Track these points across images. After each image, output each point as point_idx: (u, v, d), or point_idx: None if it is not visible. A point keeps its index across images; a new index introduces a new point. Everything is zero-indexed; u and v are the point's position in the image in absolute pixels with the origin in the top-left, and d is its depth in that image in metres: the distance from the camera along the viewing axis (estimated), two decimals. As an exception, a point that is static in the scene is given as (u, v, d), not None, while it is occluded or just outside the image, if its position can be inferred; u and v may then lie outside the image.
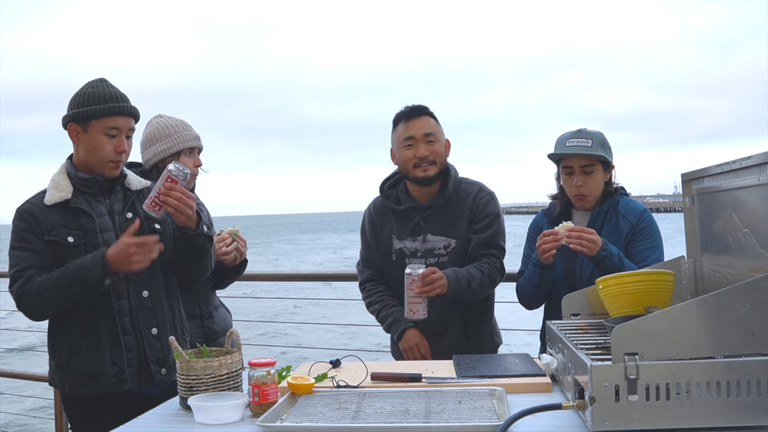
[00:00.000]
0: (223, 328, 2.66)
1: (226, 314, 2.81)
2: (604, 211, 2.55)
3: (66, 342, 2.19)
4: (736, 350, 1.43)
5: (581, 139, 2.50)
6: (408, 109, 2.66)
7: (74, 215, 2.20)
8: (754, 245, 1.68)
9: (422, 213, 2.66)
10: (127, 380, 2.18)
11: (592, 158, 2.50)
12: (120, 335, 2.18)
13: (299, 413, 1.70)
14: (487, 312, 2.78)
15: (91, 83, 2.25)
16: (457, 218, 2.65)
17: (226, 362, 1.83)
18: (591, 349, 1.63)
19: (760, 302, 1.42)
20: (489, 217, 2.65)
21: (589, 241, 2.36)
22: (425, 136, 2.62)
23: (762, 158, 1.62)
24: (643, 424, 1.41)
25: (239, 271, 2.74)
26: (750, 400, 1.40)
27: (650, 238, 2.51)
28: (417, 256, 2.65)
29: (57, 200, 2.20)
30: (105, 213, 2.24)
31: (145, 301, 2.25)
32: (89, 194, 2.24)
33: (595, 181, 2.53)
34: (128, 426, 1.71)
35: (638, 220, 2.53)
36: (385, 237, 2.73)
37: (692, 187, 2.12)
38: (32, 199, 2.24)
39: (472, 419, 1.57)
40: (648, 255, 2.46)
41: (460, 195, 2.68)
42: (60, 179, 2.25)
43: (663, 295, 1.95)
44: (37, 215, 2.18)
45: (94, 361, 2.16)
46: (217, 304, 2.77)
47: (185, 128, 2.63)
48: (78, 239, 2.18)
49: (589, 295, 2.13)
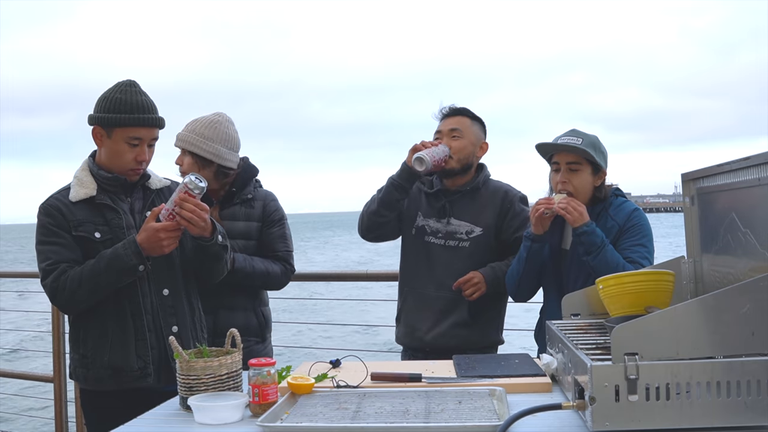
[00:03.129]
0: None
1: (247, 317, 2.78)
2: (594, 214, 2.51)
3: (92, 335, 2.21)
4: (736, 350, 1.43)
5: (572, 137, 2.51)
6: (446, 108, 2.82)
7: (100, 211, 2.24)
8: (754, 245, 1.68)
9: (449, 197, 2.79)
10: (150, 374, 2.21)
11: (578, 156, 2.49)
12: (146, 331, 2.22)
13: (299, 413, 1.70)
14: (497, 303, 2.84)
15: (121, 87, 2.25)
16: (485, 208, 2.77)
17: (226, 362, 1.83)
18: (591, 349, 1.63)
19: (760, 302, 1.42)
20: (524, 213, 2.80)
21: (577, 211, 2.40)
22: (450, 131, 2.76)
23: (762, 158, 1.62)
24: (643, 424, 1.41)
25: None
26: (750, 400, 1.40)
27: (637, 235, 2.48)
28: (438, 236, 2.77)
29: (82, 197, 2.23)
30: (127, 211, 2.29)
31: (165, 299, 2.28)
32: (112, 192, 2.28)
33: (580, 180, 2.50)
34: (128, 426, 1.71)
35: (626, 219, 2.50)
36: (411, 211, 2.85)
37: (692, 187, 2.12)
38: (56, 195, 2.26)
39: (472, 419, 1.57)
40: (634, 251, 2.44)
41: (490, 188, 2.82)
42: (83, 176, 2.27)
43: (663, 295, 1.95)
44: (63, 211, 2.21)
45: (120, 354, 2.19)
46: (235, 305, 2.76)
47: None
48: (105, 234, 2.21)
49: (589, 295, 2.13)
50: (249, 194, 2.77)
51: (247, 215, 2.74)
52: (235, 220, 2.72)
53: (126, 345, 2.20)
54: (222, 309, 2.68)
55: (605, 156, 2.55)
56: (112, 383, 2.21)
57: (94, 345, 2.21)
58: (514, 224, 2.77)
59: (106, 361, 2.19)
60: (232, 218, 2.71)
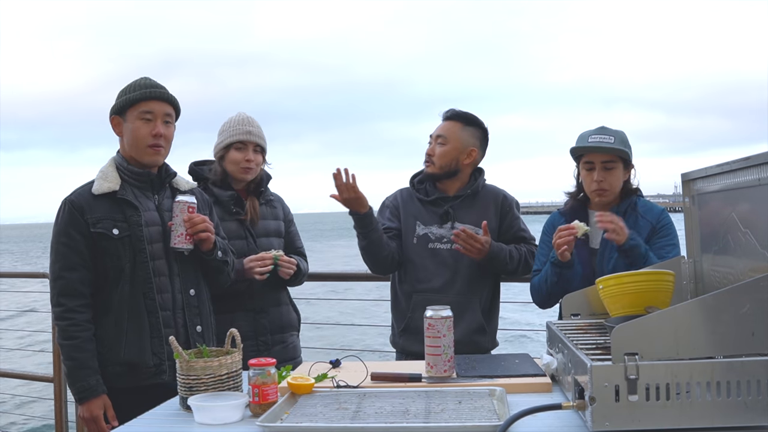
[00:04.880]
0: (279, 325, 2.77)
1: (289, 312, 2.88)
2: (622, 210, 2.55)
3: (106, 333, 2.24)
4: (736, 350, 1.43)
5: (603, 135, 2.53)
6: (443, 112, 2.87)
7: (120, 207, 2.27)
8: (754, 245, 1.68)
9: (451, 202, 2.83)
10: (166, 371, 2.25)
11: (613, 154, 2.51)
12: (161, 328, 2.26)
13: (299, 413, 1.70)
14: (495, 307, 2.88)
15: (134, 82, 2.36)
16: (487, 210, 2.82)
17: (226, 362, 1.83)
18: (591, 349, 1.63)
19: (760, 302, 1.42)
20: (521, 218, 2.90)
21: (619, 227, 2.37)
22: (436, 138, 2.83)
23: (762, 158, 1.62)
24: (643, 424, 1.41)
25: (295, 281, 2.85)
26: (750, 400, 1.40)
27: (669, 236, 2.53)
28: (443, 241, 2.79)
29: (105, 190, 2.27)
30: (153, 208, 2.33)
31: (191, 299, 2.35)
32: (138, 188, 2.33)
33: (615, 177, 2.54)
34: (128, 426, 1.71)
35: (657, 219, 2.54)
36: (409, 221, 2.86)
37: (692, 187, 2.12)
38: (79, 189, 2.31)
39: (472, 419, 1.57)
40: (668, 252, 2.47)
41: (488, 192, 2.88)
42: (109, 171, 2.32)
43: (663, 295, 1.95)
44: (84, 207, 2.25)
45: (136, 351, 2.22)
46: (281, 300, 2.85)
47: (239, 124, 2.75)
48: (123, 231, 2.25)
49: (589, 295, 2.14)
50: (270, 195, 2.89)
51: (273, 215, 2.86)
52: (266, 219, 2.82)
53: (142, 342, 2.23)
54: (272, 306, 2.78)
55: (631, 150, 2.57)
56: (127, 380, 2.23)
57: (110, 342, 2.23)
58: (515, 226, 2.86)
59: (121, 358, 2.22)
60: (263, 218, 2.81)
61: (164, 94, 2.33)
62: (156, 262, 2.29)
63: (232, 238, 2.67)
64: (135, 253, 2.25)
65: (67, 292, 2.22)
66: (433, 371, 1.96)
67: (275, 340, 2.75)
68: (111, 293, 2.24)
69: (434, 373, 1.95)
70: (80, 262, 2.23)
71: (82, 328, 2.20)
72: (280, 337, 2.76)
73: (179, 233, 2.28)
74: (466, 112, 2.82)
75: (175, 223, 2.28)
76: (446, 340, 1.94)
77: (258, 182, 2.80)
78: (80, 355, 2.18)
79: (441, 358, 1.94)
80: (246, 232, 2.75)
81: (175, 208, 2.29)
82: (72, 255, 2.23)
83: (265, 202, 2.84)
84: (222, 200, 2.71)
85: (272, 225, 2.84)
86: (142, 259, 2.26)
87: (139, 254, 2.26)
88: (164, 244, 2.31)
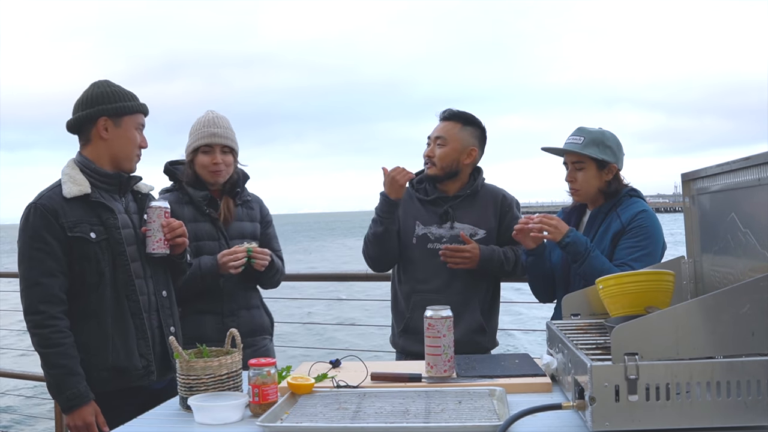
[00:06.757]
0: (250, 329, 2.69)
1: (261, 315, 2.82)
2: (604, 211, 2.55)
3: (89, 338, 2.19)
4: (736, 350, 1.43)
5: (576, 136, 2.56)
6: (440, 113, 2.85)
7: (94, 210, 2.22)
8: (754, 245, 1.68)
9: (450, 202, 2.81)
10: (154, 372, 2.24)
11: (574, 156, 2.56)
12: (146, 330, 2.25)
13: (299, 413, 1.70)
14: (495, 307, 2.89)
15: (102, 83, 2.32)
16: (486, 211, 2.82)
17: (226, 362, 1.83)
18: (591, 349, 1.63)
19: (760, 302, 1.42)
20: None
21: (552, 226, 2.47)
22: (435, 139, 2.81)
23: (762, 158, 1.62)
24: (643, 424, 1.41)
25: (270, 281, 2.80)
26: (750, 400, 1.40)
27: (637, 237, 2.45)
28: (442, 241, 2.78)
29: (77, 194, 2.20)
30: (122, 211, 2.29)
31: (164, 300, 2.34)
32: (106, 191, 2.28)
33: (585, 177, 2.56)
34: (128, 426, 1.71)
35: (631, 220, 2.48)
36: (409, 221, 2.84)
37: (692, 187, 2.12)
38: (48, 193, 2.21)
39: (472, 419, 1.57)
40: (630, 254, 2.42)
41: (487, 191, 2.87)
42: (74, 174, 2.24)
43: (663, 295, 1.95)
44: (57, 210, 2.17)
45: (124, 354, 2.20)
46: (252, 304, 2.79)
47: (204, 125, 2.68)
48: (100, 235, 2.20)
49: (589, 295, 2.13)
50: (248, 196, 2.82)
51: (249, 216, 2.79)
52: (241, 221, 2.76)
53: (128, 345, 2.21)
54: (243, 309, 2.72)
55: (613, 150, 2.54)
56: (114, 383, 2.20)
57: (95, 348, 2.18)
58: (513, 226, 2.79)
59: (109, 363, 2.18)
60: (238, 219, 2.75)
61: (146, 107, 2.36)
62: (134, 265, 2.25)
63: (204, 239, 2.63)
64: (114, 256, 2.20)
65: (47, 298, 2.13)
66: (433, 371, 1.96)
67: (245, 344, 2.67)
68: (90, 297, 2.18)
69: (434, 373, 1.95)
70: (58, 268, 2.15)
71: (65, 335, 2.13)
72: (250, 341, 2.64)
73: (157, 238, 2.25)
74: (463, 111, 2.81)
75: (152, 229, 2.25)
76: (446, 340, 1.95)
77: (234, 182, 2.73)
78: (67, 362, 2.12)
79: (441, 358, 1.94)
80: (219, 234, 2.68)
81: (150, 213, 2.26)
82: (49, 260, 2.14)
83: (241, 203, 2.77)
84: (195, 200, 2.66)
85: (248, 227, 2.77)
86: (123, 261, 2.21)
87: (119, 257, 2.21)
88: (137, 246, 2.28)
